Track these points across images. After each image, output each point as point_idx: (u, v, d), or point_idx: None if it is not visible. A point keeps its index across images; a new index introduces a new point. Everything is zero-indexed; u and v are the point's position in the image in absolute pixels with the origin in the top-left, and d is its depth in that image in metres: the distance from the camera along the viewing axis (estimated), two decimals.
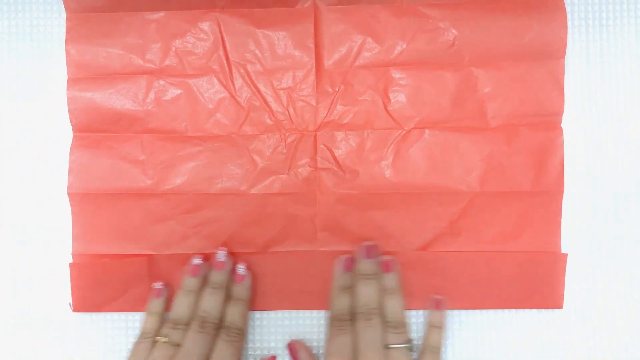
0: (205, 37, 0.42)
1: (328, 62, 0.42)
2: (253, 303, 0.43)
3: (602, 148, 0.43)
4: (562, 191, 0.42)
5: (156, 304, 0.41)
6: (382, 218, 0.42)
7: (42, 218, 0.43)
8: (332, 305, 0.40)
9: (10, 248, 0.43)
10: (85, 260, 0.42)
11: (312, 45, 0.42)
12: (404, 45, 0.42)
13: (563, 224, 0.42)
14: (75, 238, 0.42)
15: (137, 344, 0.39)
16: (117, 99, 0.42)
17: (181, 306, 0.40)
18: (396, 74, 0.42)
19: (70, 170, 0.42)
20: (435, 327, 0.41)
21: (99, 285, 0.42)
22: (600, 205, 0.43)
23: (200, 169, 0.42)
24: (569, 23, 0.42)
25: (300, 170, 0.42)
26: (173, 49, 0.42)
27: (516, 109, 0.42)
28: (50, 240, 0.43)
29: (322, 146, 0.42)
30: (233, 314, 0.40)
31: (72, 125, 0.42)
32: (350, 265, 0.41)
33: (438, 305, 0.42)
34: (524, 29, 0.41)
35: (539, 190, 0.42)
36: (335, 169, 0.42)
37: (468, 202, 0.42)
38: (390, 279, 0.40)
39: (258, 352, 0.43)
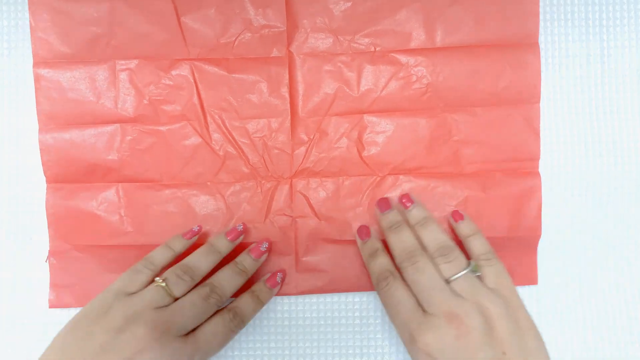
0: (179, 85, 0.42)
1: (303, 110, 0.42)
2: None
3: (600, 153, 0.43)
4: (539, 235, 0.42)
5: (179, 242, 0.38)
6: (360, 263, 0.42)
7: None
8: (371, 272, 0.38)
9: None
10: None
11: (286, 94, 0.42)
12: (378, 93, 0.42)
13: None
14: (53, 291, 0.42)
15: (134, 269, 0.36)
16: (91, 149, 0.42)
17: (201, 259, 0.37)
18: (370, 121, 0.42)
19: (50, 224, 0.42)
20: (470, 236, 0.38)
21: None
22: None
23: (177, 218, 0.42)
24: (570, 23, 0.43)
25: (276, 218, 0.42)
26: (146, 97, 0.42)
27: (491, 154, 0.42)
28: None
29: (297, 194, 0.42)
30: (247, 303, 0.38)
31: (45, 177, 0.42)
32: (367, 231, 0.40)
33: (458, 217, 0.39)
34: (498, 75, 0.41)
35: (514, 235, 0.42)
36: (311, 216, 0.42)
37: None
38: (416, 212, 0.38)
39: (258, 352, 0.43)
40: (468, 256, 0.37)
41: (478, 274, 0.35)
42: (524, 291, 0.43)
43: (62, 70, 0.42)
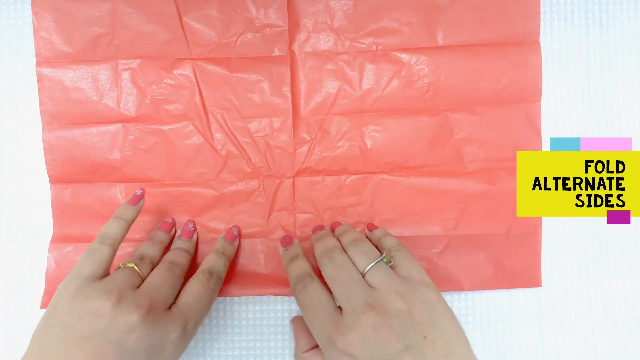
0: (181, 84, 0.42)
1: (305, 110, 0.42)
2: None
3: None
4: (540, 233, 0.42)
5: (127, 209, 0.37)
6: None
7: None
8: (289, 276, 0.37)
9: None
10: None
11: (288, 93, 0.42)
12: (380, 92, 0.42)
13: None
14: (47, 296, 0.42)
15: (90, 250, 0.34)
16: (94, 148, 0.42)
17: (149, 247, 0.39)
18: (372, 120, 0.42)
19: (55, 224, 0.42)
20: (382, 238, 0.39)
21: None
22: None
23: (179, 218, 0.42)
24: (570, 23, 0.43)
25: (279, 216, 0.42)
26: (149, 97, 0.42)
27: (493, 153, 0.42)
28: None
29: (300, 192, 0.42)
30: (215, 261, 0.38)
31: (49, 176, 0.42)
32: (289, 240, 0.41)
33: (372, 227, 0.41)
34: (499, 73, 0.41)
35: (516, 233, 0.42)
36: (314, 214, 0.42)
37: (445, 246, 0.42)
38: (341, 227, 0.40)
39: (258, 352, 0.43)
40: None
41: (391, 264, 0.35)
42: (527, 294, 0.43)
43: (65, 69, 0.42)
